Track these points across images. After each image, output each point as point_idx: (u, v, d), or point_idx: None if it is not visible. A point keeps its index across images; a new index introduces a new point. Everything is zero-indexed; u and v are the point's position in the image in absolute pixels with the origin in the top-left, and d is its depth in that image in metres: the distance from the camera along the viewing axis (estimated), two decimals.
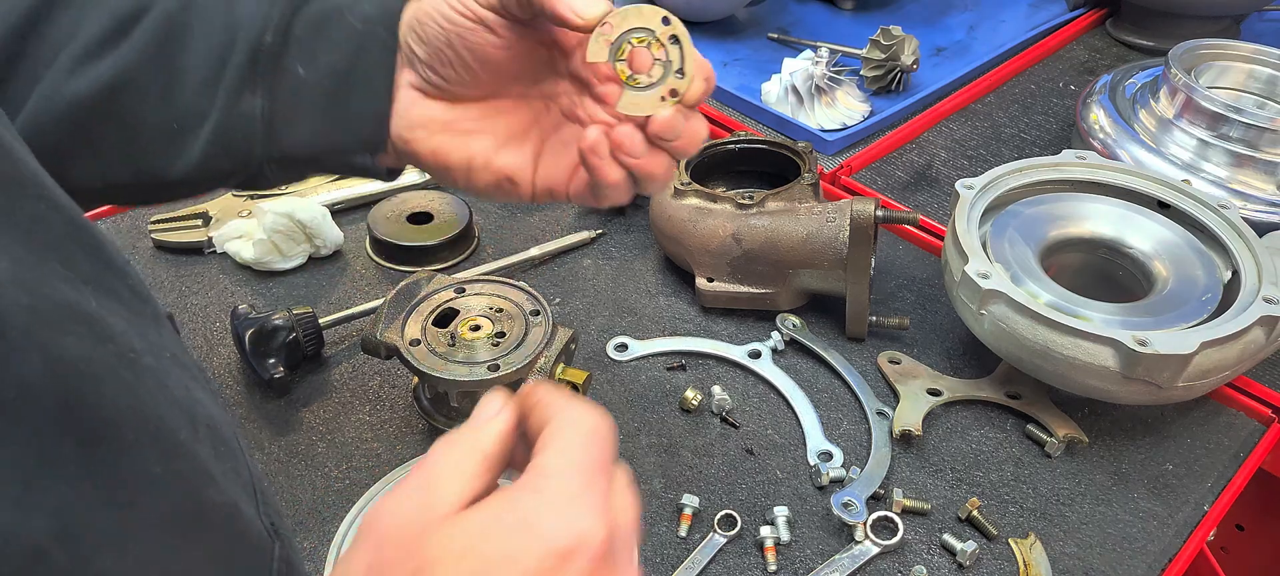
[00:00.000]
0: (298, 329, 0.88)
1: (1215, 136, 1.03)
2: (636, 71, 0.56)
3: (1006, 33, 1.48)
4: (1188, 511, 0.80)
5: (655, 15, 0.55)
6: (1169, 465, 0.84)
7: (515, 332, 0.80)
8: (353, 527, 0.73)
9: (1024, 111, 1.31)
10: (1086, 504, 0.80)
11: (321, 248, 1.02)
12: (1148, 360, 0.75)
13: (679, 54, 0.55)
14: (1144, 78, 1.18)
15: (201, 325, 0.95)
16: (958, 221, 0.88)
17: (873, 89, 1.30)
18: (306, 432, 0.85)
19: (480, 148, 0.63)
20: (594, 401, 0.88)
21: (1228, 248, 0.88)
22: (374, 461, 0.82)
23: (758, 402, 0.89)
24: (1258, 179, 1.02)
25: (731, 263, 0.95)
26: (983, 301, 0.82)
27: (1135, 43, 1.45)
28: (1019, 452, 0.84)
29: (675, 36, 0.55)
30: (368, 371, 0.91)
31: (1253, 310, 0.79)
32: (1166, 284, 0.86)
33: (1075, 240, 0.92)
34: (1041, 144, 1.24)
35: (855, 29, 1.47)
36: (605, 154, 0.57)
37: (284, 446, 0.83)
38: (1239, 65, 1.14)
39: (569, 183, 0.63)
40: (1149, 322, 0.81)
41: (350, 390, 0.89)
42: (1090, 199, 0.94)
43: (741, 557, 0.76)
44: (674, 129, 0.56)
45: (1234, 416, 0.88)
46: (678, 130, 0.57)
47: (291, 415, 0.86)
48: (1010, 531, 0.78)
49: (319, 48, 0.61)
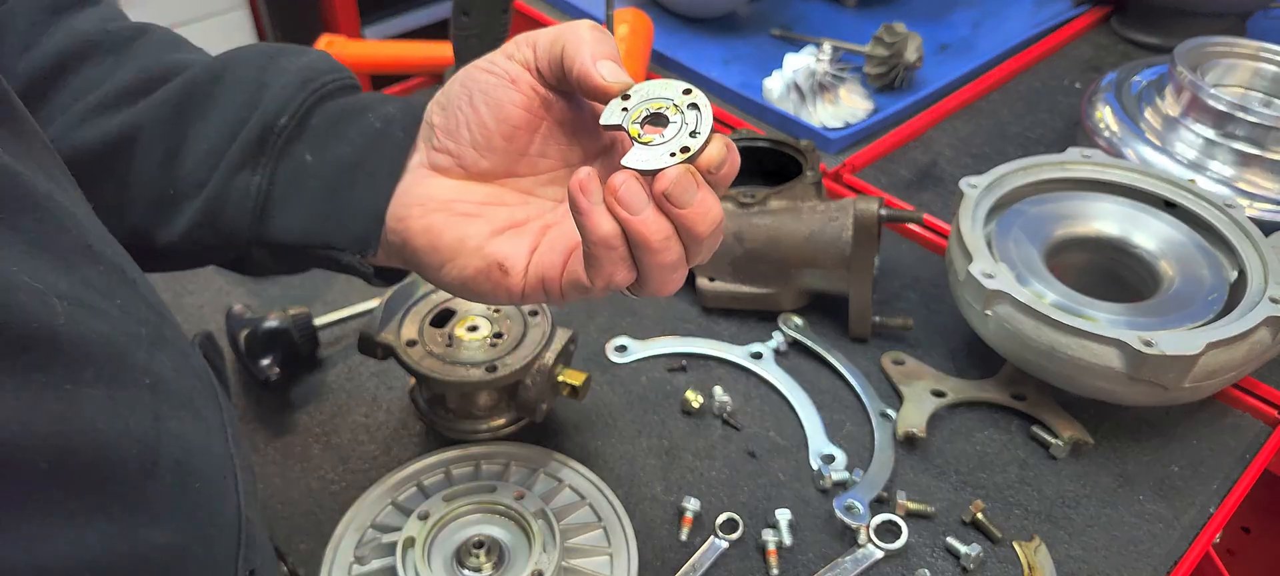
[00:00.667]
0: (293, 329, 0.87)
1: (1221, 135, 1.02)
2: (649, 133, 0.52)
3: (1011, 29, 1.47)
4: (1193, 513, 0.79)
5: (677, 86, 0.53)
6: (1175, 467, 0.83)
7: (513, 333, 0.79)
8: (349, 530, 0.73)
9: (1029, 109, 1.30)
10: (1091, 506, 0.79)
11: None
12: (1153, 361, 0.74)
13: (696, 117, 0.52)
14: (1149, 75, 1.17)
15: (196, 325, 0.94)
16: (962, 220, 0.87)
17: (876, 86, 1.29)
18: (302, 434, 0.84)
19: (476, 230, 0.58)
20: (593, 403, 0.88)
21: (1234, 247, 0.87)
22: (370, 463, 0.82)
23: (759, 404, 0.88)
24: (1264, 178, 1.01)
25: (733, 262, 0.94)
26: (987, 301, 0.81)
27: (1140, 40, 1.44)
28: (1024, 454, 0.84)
29: (694, 103, 0.52)
30: (364, 372, 0.90)
31: (1259, 310, 0.78)
32: (1172, 284, 0.86)
33: (1081, 239, 0.92)
34: (1046, 142, 1.23)
35: (858, 25, 1.46)
36: (595, 196, 0.50)
37: (279, 448, 0.83)
38: (1245, 63, 1.13)
39: (563, 268, 0.55)
40: (1155, 323, 0.80)
41: (346, 391, 0.88)
42: (1096, 198, 0.94)
43: (743, 561, 0.75)
44: (683, 191, 0.49)
45: (1240, 418, 0.87)
46: (688, 195, 0.49)
47: (287, 417, 0.86)
48: (1015, 534, 0.77)
49: (332, 140, 0.59)
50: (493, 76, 0.56)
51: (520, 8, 1.49)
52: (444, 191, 0.58)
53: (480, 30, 1.01)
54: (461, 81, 0.57)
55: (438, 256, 0.57)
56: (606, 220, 0.49)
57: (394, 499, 0.75)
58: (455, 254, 0.57)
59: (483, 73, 0.57)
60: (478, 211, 0.58)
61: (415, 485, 0.76)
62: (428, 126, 0.59)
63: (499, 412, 0.82)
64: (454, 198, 0.58)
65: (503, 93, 0.56)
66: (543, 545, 0.70)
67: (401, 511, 0.74)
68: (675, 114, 0.52)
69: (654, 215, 0.49)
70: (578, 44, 0.53)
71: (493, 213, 0.58)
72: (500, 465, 0.78)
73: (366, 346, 0.80)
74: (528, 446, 0.80)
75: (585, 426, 0.86)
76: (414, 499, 0.75)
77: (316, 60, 0.62)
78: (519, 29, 1.49)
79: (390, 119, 0.59)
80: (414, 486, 0.76)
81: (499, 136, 0.57)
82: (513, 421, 0.82)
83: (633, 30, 1.29)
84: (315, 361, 0.91)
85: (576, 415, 0.86)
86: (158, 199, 0.59)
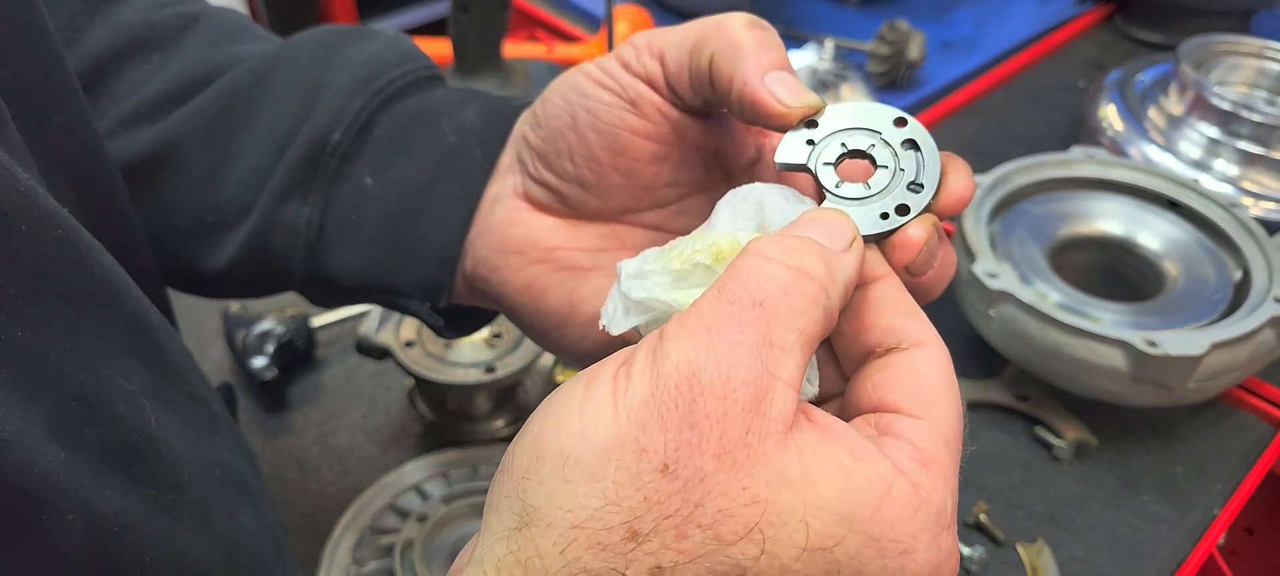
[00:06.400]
0: (291, 330, 0.87)
1: (1226, 134, 1.02)
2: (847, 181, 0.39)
3: (1014, 27, 1.46)
4: (1197, 515, 0.79)
5: (886, 114, 0.39)
6: (1179, 468, 0.82)
7: (512, 334, 0.79)
8: (347, 533, 0.72)
9: (1032, 107, 1.29)
10: (1095, 508, 0.79)
11: None
12: (1157, 361, 0.74)
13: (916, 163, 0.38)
14: (1153, 74, 1.16)
15: (193, 326, 0.94)
16: (965, 219, 0.86)
17: (879, 84, 1.29)
18: (299, 436, 0.84)
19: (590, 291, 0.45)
20: None
21: (1238, 247, 0.86)
22: (368, 465, 0.81)
23: None
24: (1269, 177, 1.00)
25: None
26: (991, 301, 0.81)
27: (1144, 38, 1.43)
28: (1027, 456, 0.83)
29: (912, 140, 0.38)
30: (362, 373, 0.89)
31: (1263, 310, 0.78)
32: (1177, 284, 0.85)
33: (1084, 239, 0.91)
34: (1050, 141, 1.22)
35: (861, 23, 1.45)
36: None
37: (276, 449, 0.82)
38: (1249, 61, 1.12)
39: None
40: (1159, 323, 0.80)
41: (344, 393, 0.88)
42: (1100, 197, 0.93)
43: None
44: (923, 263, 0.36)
45: (1244, 419, 0.87)
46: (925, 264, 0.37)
47: (284, 418, 0.85)
48: (1018, 536, 0.76)
49: (396, 158, 0.47)
50: (605, 93, 0.42)
51: (519, 6, 1.48)
52: (546, 235, 0.46)
53: (479, 27, 1.00)
54: (562, 94, 0.43)
55: (543, 321, 0.47)
56: None
57: (392, 501, 0.74)
58: (565, 321, 0.46)
59: (592, 85, 0.43)
60: (591, 264, 0.46)
61: (413, 487, 0.76)
62: (520, 143, 0.46)
63: (498, 414, 0.81)
64: (559, 243, 0.46)
65: (618, 117, 0.42)
66: None
67: (399, 513, 0.74)
68: (883, 152, 0.38)
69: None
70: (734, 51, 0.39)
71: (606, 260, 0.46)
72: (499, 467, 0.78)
73: (364, 347, 0.79)
74: None
75: None
76: (412, 501, 0.75)
77: (385, 50, 0.50)
78: (519, 27, 1.49)
79: (467, 129, 0.47)
80: (412, 488, 0.75)
81: (614, 172, 0.43)
82: (511, 423, 0.81)
83: (633, 28, 1.29)
84: (313, 362, 0.90)
85: None
86: (198, 227, 0.50)
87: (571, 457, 0.28)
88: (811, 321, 0.31)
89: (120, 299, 0.37)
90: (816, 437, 0.30)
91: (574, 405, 0.30)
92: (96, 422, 0.33)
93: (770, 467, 0.28)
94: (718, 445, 0.28)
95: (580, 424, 0.29)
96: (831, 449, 0.29)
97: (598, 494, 0.28)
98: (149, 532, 0.33)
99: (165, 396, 0.38)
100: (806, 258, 0.31)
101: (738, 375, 0.28)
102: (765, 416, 0.28)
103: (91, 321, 0.35)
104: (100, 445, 0.33)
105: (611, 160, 0.43)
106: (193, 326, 0.94)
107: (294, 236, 0.48)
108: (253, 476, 0.46)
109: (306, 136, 0.47)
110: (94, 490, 0.32)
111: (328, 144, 0.47)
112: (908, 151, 0.38)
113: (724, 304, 0.30)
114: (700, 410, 0.28)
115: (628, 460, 0.28)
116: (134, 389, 0.36)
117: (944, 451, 0.32)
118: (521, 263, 0.46)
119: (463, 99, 0.49)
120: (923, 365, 0.33)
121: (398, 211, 0.47)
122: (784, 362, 0.29)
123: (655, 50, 0.41)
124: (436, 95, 0.49)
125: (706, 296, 0.30)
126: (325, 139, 0.47)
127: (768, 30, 0.40)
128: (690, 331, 0.29)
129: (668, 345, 0.29)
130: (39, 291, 0.32)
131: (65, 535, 0.30)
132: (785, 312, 0.30)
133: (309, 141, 0.47)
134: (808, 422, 0.30)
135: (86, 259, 0.36)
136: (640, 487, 0.28)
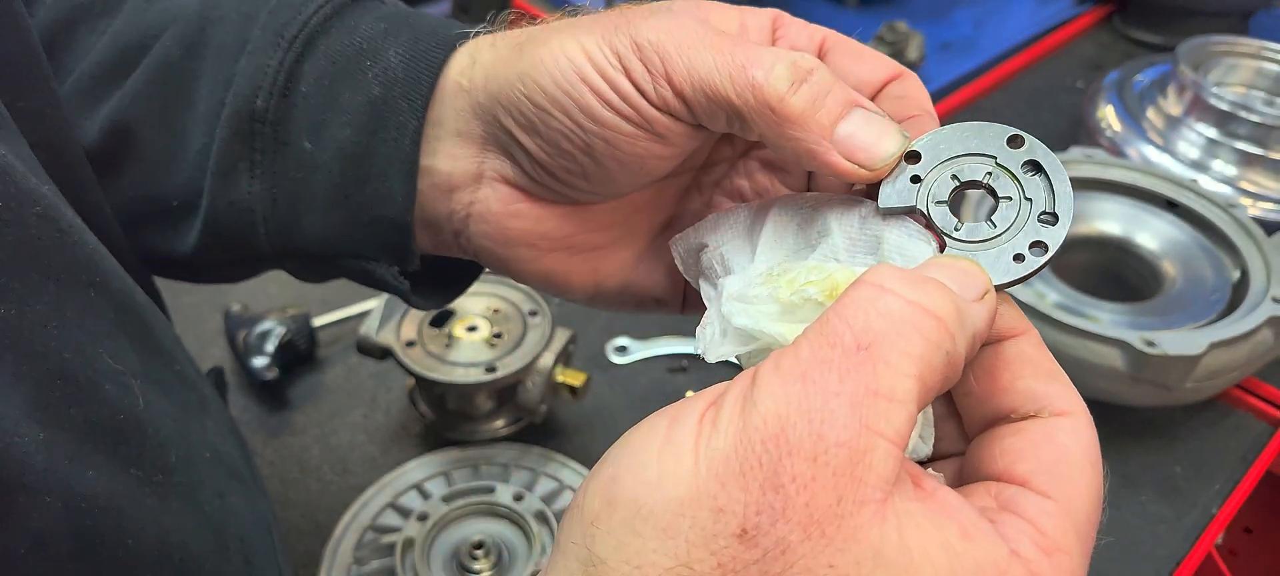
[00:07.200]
0: (292, 329, 0.87)
1: (1224, 134, 1.02)
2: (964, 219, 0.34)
3: (1013, 28, 1.46)
4: (1196, 514, 0.79)
5: (997, 133, 0.34)
6: (1177, 468, 0.82)
7: (513, 333, 0.79)
8: (348, 532, 0.72)
9: (1031, 108, 1.29)
10: None
11: None
12: (1156, 361, 0.74)
13: (1042, 189, 0.33)
14: (1152, 75, 1.17)
15: (194, 325, 0.94)
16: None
17: None
18: (300, 435, 0.84)
19: (615, 267, 0.44)
20: None
21: (1236, 247, 0.87)
22: (369, 465, 0.81)
23: None
24: (1267, 177, 1.00)
25: None
26: None
27: (1143, 38, 1.43)
28: None
29: (1033, 161, 0.34)
30: (362, 373, 0.89)
31: (1261, 310, 0.78)
32: (1175, 284, 0.85)
33: (1083, 239, 0.91)
34: (1049, 141, 1.20)
35: (860, 23, 1.46)
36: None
37: (277, 448, 0.82)
38: (1247, 62, 1.13)
39: None
40: (1157, 323, 0.80)
41: (345, 392, 0.88)
42: (1098, 197, 0.93)
43: None
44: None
45: (1242, 418, 0.87)
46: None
47: (285, 417, 0.85)
48: None
49: (328, 114, 0.44)
50: (624, 124, 0.38)
51: (518, 4, 1.48)
52: (556, 226, 0.43)
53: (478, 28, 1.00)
54: (567, 112, 0.38)
55: (573, 297, 0.46)
56: None
57: (393, 500, 0.75)
58: (594, 294, 0.46)
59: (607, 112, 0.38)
60: (608, 239, 0.44)
61: (414, 486, 0.76)
62: (504, 135, 0.42)
63: (498, 413, 0.81)
64: (573, 230, 0.44)
65: (645, 149, 0.38)
66: (542, 547, 0.69)
67: (400, 513, 0.74)
68: (1004, 180, 0.34)
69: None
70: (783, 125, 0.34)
71: (630, 228, 0.44)
72: (500, 466, 0.78)
73: (365, 347, 0.79)
74: (527, 447, 0.79)
75: (585, 427, 0.85)
76: (413, 500, 0.75)
77: None
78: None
79: (391, 78, 0.43)
80: (413, 488, 0.76)
81: (629, 180, 0.41)
82: (512, 422, 0.81)
83: None
84: (314, 361, 0.90)
85: (576, 416, 0.86)
86: (163, 212, 0.47)
87: (644, 508, 0.26)
88: (930, 367, 0.27)
89: (106, 278, 0.37)
90: (921, 510, 0.26)
91: (653, 449, 0.27)
92: (81, 402, 0.33)
93: (863, 543, 0.25)
94: (804, 513, 0.25)
95: (658, 471, 0.27)
96: (938, 524, 0.26)
97: (668, 553, 0.26)
98: (134, 514, 0.33)
99: (154, 377, 0.38)
100: (931, 294, 0.28)
101: (831, 433, 0.26)
102: (861, 482, 0.25)
103: (76, 300, 0.35)
104: (85, 425, 0.33)
105: (633, 182, 0.41)
106: (193, 326, 0.94)
107: (249, 213, 0.45)
108: (243, 461, 0.46)
109: (232, 107, 0.44)
110: (75, 471, 0.31)
111: (254, 111, 0.44)
112: (1031, 176, 0.33)
113: (824, 347, 0.27)
114: (786, 472, 0.25)
115: (703, 519, 0.26)
116: (122, 369, 0.35)
117: (1073, 538, 0.28)
118: (534, 255, 0.44)
119: (387, 29, 0.45)
120: (1064, 435, 0.30)
121: (342, 180, 0.44)
122: (890, 415, 0.26)
123: (672, 81, 0.36)
124: (360, 27, 0.45)
125: (806, 336, 0.28)
126: (251, 106, 0.44)
127: (814, 77, 0.34)
128: (784, 378, 0.27)
129: (758, 392, 0.27)
130: (20, 269, 0.32)
131: (42, 517, 0.30)
132: (897, 356, 0.27)
133: (234, 113, 0.44)
134: (913, 489, 0.27)
135: (68, 237, 0.35)
136: (714, 551, 0.25)
